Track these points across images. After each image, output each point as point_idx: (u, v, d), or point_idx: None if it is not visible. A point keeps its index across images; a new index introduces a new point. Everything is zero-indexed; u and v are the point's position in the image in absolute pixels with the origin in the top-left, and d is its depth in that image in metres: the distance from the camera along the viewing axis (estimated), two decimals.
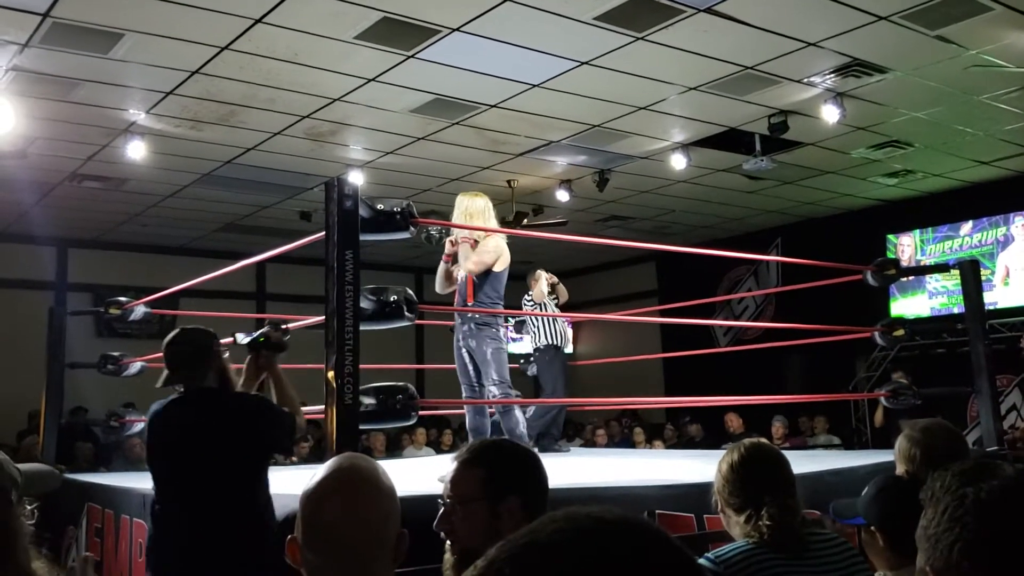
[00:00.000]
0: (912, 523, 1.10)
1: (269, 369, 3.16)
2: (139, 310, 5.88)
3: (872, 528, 1.93)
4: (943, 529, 1.02)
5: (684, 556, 0.66)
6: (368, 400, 3.21)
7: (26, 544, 1.14)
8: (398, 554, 1.38)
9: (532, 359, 6.86)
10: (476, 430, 4.77)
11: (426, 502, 3.05)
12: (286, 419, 3.01)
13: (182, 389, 3.00)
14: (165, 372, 2.99)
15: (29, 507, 1.21)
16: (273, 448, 3.03)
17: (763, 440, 2.32)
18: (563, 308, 7.16)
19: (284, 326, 3.30)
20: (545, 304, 6.61)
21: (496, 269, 4.85)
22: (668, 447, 9.67)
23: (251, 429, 2.90)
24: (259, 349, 3.18)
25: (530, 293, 6.71)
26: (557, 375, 6.55)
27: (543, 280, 6.56)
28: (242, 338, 3.32)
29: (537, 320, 6.64)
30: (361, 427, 3.21)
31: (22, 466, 1.24)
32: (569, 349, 6.59)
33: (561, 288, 6.96)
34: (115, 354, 5.92)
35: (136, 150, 7.13)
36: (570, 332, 6.81)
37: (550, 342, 6.55)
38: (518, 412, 4.81)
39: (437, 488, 3.46)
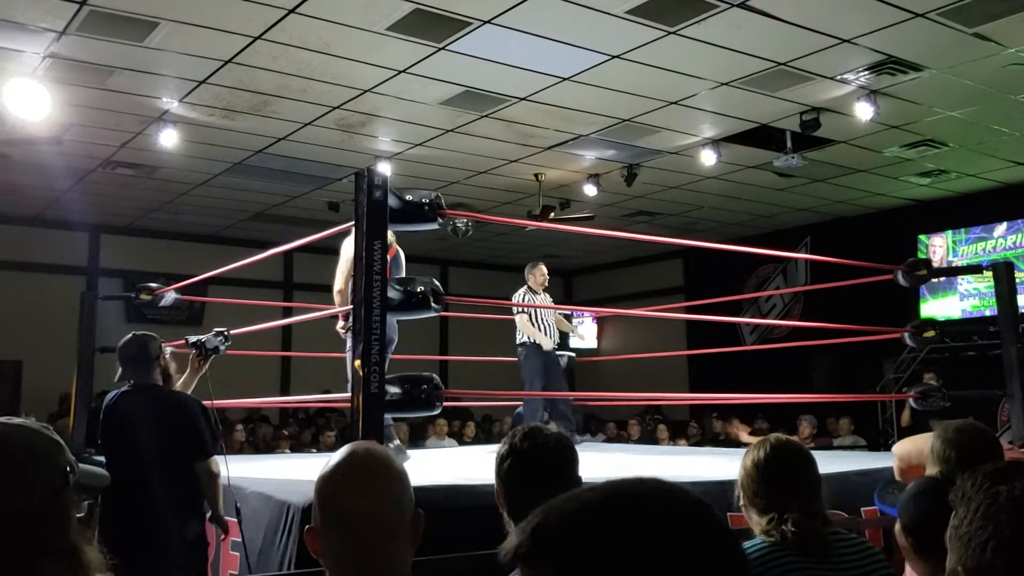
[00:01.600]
0: (944, 528, 1.08)
1: (201, 364, 4.00)
2: (169, 296, 5.95)
3: (901, 525, 1.90)
4: (976, 528, 1.00)
5: (732, 541, 0.71)
6: (393, 389, 3.23)
7: (76, 527, 1.16)
8: (415, 535, 1.40)
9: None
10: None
11: (447, 492, 3.09)
12: (211, 417, 3.61)
13: (132, 383, 3.63)
14: (119, 369, 3.65)
15: (80, 501, 1.23)
16: (199, 439, 3.50)
17: (791, 438, 2.28)
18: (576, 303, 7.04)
19: (225, 331, 4.10)
20: (537, 298, 6.56)
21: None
22: (692, 444, 9.65)
23: (180, 420, 3.51)
24: (202, 350, 4.01)
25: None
26: (533, 373, 6.46)
27: (538, 272, 6.55)
28: (191, 339, 4.17)
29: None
30: (386, 415, 3.23)
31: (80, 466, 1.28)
32: (549, 346, 6.52)
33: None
34: None
35: (169, 138, 7.21)
36: (557, 331, 6.74)
37: (530, 340, 6.51)
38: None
39: (459, 479, 3.49)
